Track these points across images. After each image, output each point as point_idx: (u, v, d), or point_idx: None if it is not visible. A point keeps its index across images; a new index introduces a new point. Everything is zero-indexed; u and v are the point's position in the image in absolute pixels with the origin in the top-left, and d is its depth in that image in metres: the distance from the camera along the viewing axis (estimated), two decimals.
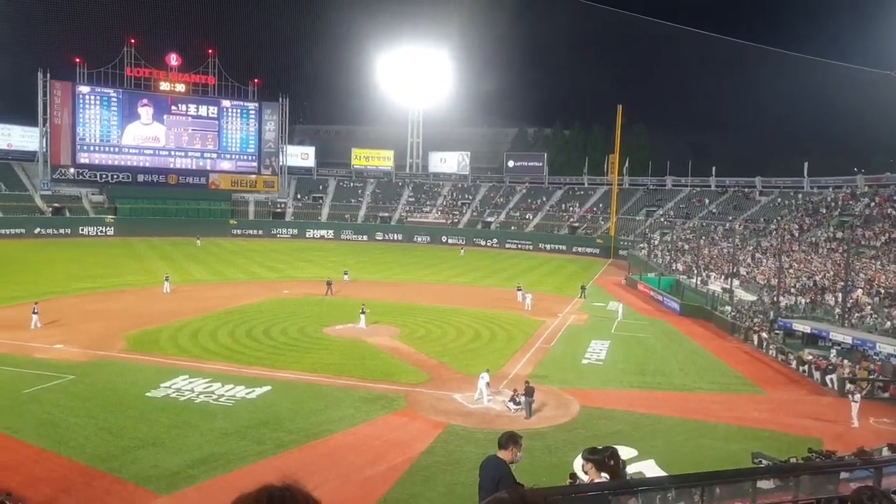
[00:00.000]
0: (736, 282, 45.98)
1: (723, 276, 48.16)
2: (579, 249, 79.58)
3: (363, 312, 34.68)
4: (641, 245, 69.29)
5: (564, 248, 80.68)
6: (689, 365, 30.25)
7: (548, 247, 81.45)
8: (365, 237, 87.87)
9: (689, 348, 33.70)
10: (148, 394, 22.63)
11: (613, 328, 37.32)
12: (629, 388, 26.31)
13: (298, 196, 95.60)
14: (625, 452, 15.58)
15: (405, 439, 19.80)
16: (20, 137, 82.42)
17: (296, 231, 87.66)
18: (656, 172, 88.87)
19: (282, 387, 24.06)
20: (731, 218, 71.95)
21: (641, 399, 24.45)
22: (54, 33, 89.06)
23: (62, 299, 37.45)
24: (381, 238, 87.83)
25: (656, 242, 68.34)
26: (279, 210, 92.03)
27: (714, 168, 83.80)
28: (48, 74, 79.82)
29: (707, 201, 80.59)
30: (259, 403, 22.30)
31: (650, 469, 16.46)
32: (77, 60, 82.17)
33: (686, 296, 45.06)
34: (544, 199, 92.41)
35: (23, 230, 72.49)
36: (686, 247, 62.04)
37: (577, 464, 15.53)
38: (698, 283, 47.44)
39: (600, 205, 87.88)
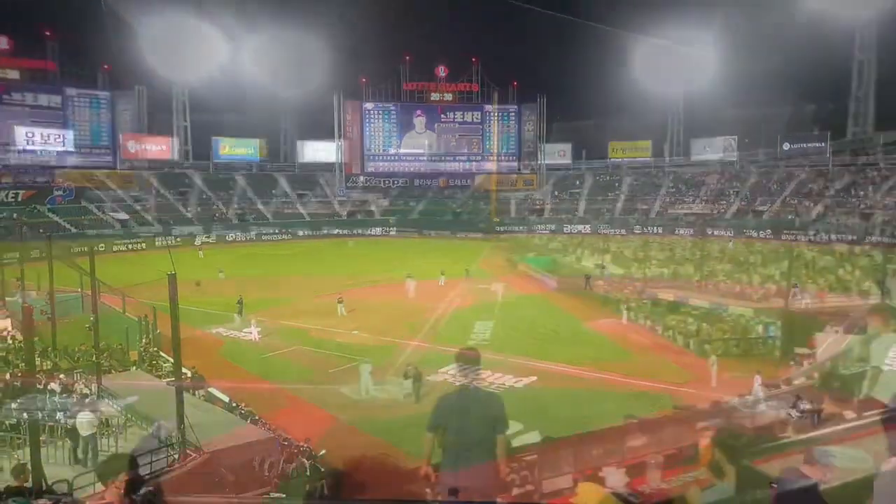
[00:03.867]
0: None
1: None
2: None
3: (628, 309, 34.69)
4: None
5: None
6: None
7: (835, 237, 70.91)
8: (622, 231, 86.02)
9: None
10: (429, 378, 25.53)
11: None
12: None
13: (556, 193, 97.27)
14: None
15: None
16: (323, 152, 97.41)
17: (553, 226, 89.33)
18: None
19: (546, 377, 25.44)
20: None
21: None
22: (344, 59, 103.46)
23: (356, 290, 43.59)
24: (639, 231, 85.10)
25: None
26: (538, 207, 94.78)
27: None
28: (341, 96, 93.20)
29: None
30: (525, 393, 23.86)
31: None
32: (363, 80, 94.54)
33: None
34: (828, 184, 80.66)
35: (325, 231, 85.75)
36: None
37: None
38: None
39: None
